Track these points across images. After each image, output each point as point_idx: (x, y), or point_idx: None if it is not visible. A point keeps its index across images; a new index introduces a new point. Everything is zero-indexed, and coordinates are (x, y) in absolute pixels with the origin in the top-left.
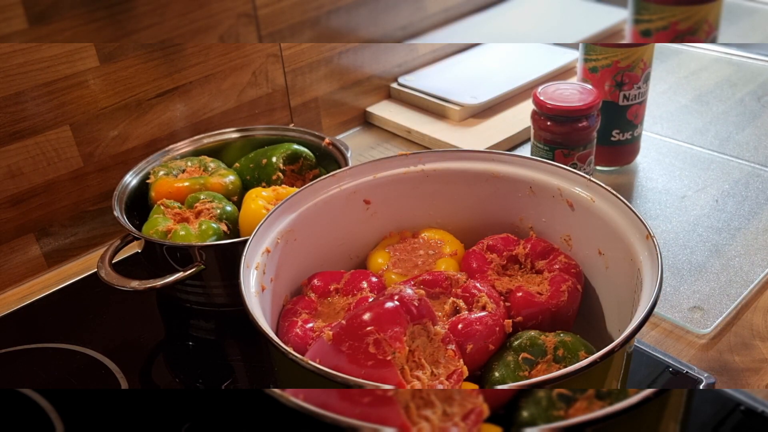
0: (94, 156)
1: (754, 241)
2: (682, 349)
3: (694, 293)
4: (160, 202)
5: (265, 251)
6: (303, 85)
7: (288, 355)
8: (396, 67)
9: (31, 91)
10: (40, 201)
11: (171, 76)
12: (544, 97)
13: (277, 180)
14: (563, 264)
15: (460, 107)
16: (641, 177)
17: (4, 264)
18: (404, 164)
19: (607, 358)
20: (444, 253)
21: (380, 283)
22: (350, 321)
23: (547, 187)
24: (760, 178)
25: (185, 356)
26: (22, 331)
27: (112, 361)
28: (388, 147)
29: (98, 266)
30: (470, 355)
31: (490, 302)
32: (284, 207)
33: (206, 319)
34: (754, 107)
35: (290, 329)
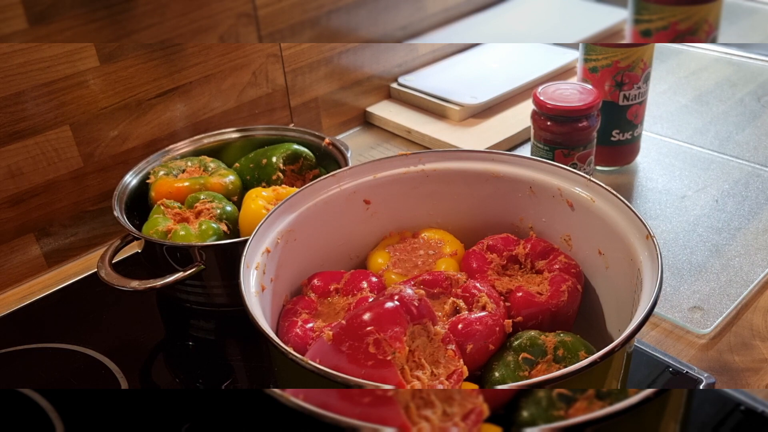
0: (94, 156)
1: (754, 241)
2: (682, 349)
3: (694, 293)
4: (160, 202)
5: (265, 251)
6: (303, 85)
7: (288, 355)
8: (396, 67)
9: (31, 91)
10: (40, 201)
11: (171, 76)
12: (544, 97)
13: (277, 180)
14: (563, 264)
15: (460, 107)
16: (641, 177)
17: (4, 264)
18: (404, 164)
19: (607, 358)
20: (444, 253)
21: (380, 283)
22: (350, 321)
23: (547, 187)
24: (760, 178)
25: (185, 356)
26: (22, 331)
27: (112, 361)
28: (388, 147)
29: (98, 266)
30: (470, 355)
31: (490, 302)
32: (284, 207)
33: (206, 319)
34: (754, 107)
35: (290, 329)
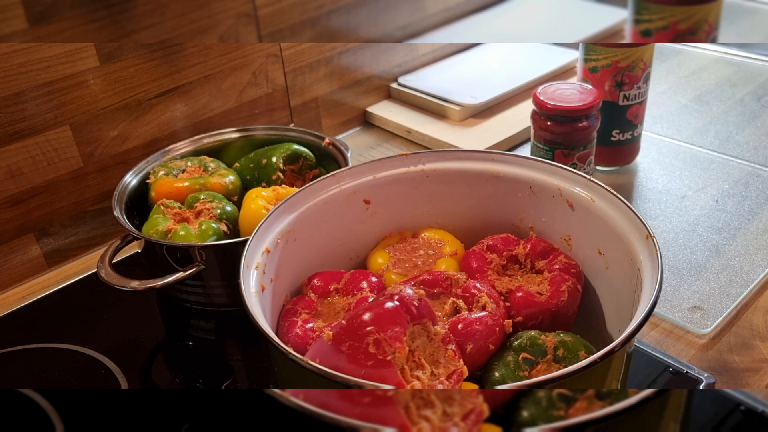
0: (94, 156)
1: (754, 241)
2: (682, 349)
3: (694, 293)
4: (160, 202)
5: (265, 251)
6: (303, 85)
7: (288, 355)
8: (396, 67)
9: (31, 91)
10: (40, 201)
11: (171, 76)
12: (544, 97)
13: (277, 180)
14: (563, 264)
15: (460, 107)
16: (641, 177)
17: (4, 264)
18: (404, 164)
19: (607, 358)
20: (444, 253)
21: (380, 283)
22: (350, 321)
23: (547, 187)
24: (760, 178)
25: (185, 356)
26: (22, 331)
27: (112, 361)
28: (388, 147)
29: (98, 266)
30: (470, 355)
31: (490, 302)
32: (284, 207)
33: (206, 319)
34: (754, 107)
35: (290, 329)
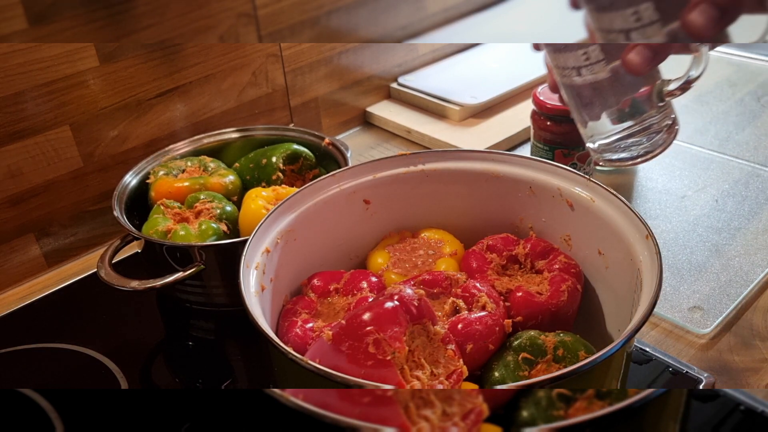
0: (94, 156)
1: (754, 241)
2: (682, 349)
3: (694, 293)
4: (160, 202)
5: (265, 251)
6: (303, 85)
7: (288, 355)
8: (396, 67)
9: (31, 91)
10: (40, 201)
11: (171, 76)
12: (544, 97)
13: (277, 180)
14: (563, 264)
15: (459, 107)
16: (641, 177)
17: (4, 264)
18: (404, 164)
19: (607, 358)
20: (444, 253)
21: (380, 283)
22: (350, 321)
23: (547, 187)
24: (760, 178)
25: (185, 356)
26: (22, 331)
27: (112, 361)
28: (388, 147)
29: (98, 266)
30: (470, 355)
31: (490, 302)
32: (284, 207)
33: (206, 319)
34: (754, 107)
35: (290, 329)
